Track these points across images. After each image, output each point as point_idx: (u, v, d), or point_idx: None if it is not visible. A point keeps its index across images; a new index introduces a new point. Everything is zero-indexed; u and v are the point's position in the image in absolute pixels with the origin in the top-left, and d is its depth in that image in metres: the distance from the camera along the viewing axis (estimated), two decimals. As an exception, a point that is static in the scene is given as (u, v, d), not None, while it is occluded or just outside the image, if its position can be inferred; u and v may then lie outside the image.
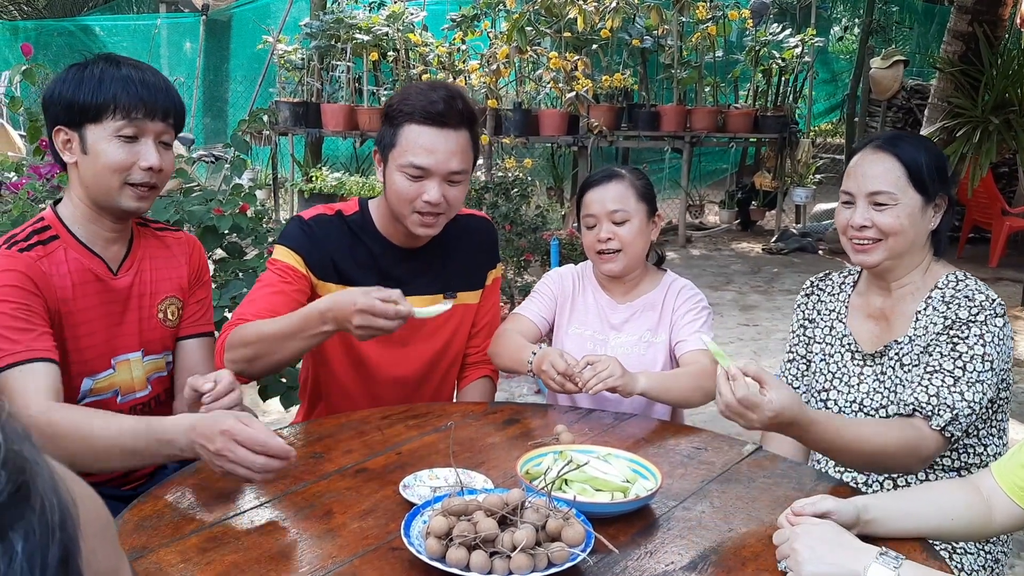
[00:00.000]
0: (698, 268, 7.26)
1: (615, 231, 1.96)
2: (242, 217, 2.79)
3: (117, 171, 1.56)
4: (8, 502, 0.38)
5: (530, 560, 1.11)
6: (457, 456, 1.58)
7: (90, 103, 1.54)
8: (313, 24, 7.24)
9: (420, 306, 1.64)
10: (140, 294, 1.71)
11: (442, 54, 6.67)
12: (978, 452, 1.67)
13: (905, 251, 1.66)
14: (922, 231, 1.66)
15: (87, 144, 1.56)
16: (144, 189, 1.60)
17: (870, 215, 1.65)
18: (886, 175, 1.64)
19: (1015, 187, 7.86)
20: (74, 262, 1.61)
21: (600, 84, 6.89)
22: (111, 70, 1.56)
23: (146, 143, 1.58)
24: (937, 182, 1.65)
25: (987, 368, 1.55)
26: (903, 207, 1.63)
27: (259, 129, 3.25)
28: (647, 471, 1.43)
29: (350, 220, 1.92)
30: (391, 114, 1.79)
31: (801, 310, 1.89)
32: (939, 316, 1.63)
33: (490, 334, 2.06)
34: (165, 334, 1.76)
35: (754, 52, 7.93)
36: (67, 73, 1.59)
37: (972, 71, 4.30)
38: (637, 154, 8.65)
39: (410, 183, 1.76)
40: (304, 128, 7.36)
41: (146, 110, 1.56)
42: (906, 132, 2.44)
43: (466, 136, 1.79)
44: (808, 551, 1.14)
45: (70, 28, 10.83)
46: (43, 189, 2.73)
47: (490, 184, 5.24)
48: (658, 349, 2.00)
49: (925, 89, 7.59)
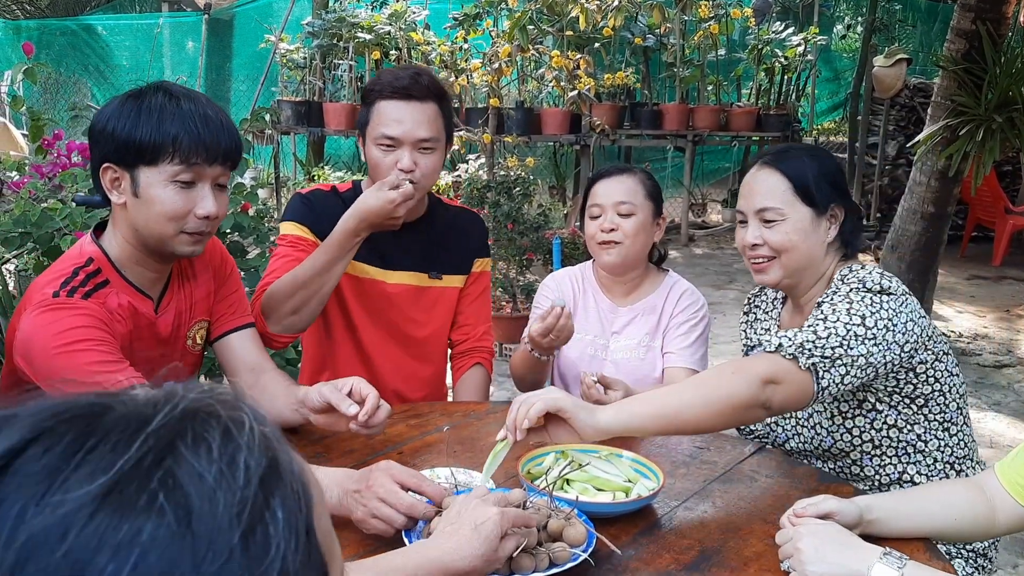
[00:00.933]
0: (701, 267, 7.25)
1: (619, 222, 1.97)
2: (244, 216, 2.79)
3: (172, 220, 1.46)
4: (266, 472, 0.43)
5: (531, 560, 1.11)
6: (458, 456, 1.58)
7: (147, 144, 1.40)
8: (315, 23, 7.24)
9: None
10: (177, 326, 1.64)
11: (444, 53, 6.67)
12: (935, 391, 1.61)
13: (802, 266, 1.64)
14: (816, 244, 1.63)
15: (139, 187, 1.44)
16: (199, 236, 1.51)
17: (760, 232, 1.63)
18: (772, 191, 1.62)
19: (1019, 185, 7.84)
20: (127, 307, 1.53)
21: (602, 83, 6.89)
22: (170, 106, 1.42)
23: (203, 188, 1.46)
24: (828, 193, 1.62)
25: (855, 322, 1.45)
26: (791, 222, 1.61)
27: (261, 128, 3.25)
28: (649, 471, 1.43)
29: (344, 196, 2.02)
30: (366, 95, 1.93)
31: (743, 329, 1.90)
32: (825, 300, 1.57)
33: (478, 323, 2.14)
34: (194, 358, 1.72)
35: (757, 50, 7.92)
36: (122, 106, 1.44)
37: (975, 69, 4.28)
38: (640, 153, 8.64)
39: (384, 153, 1.88)
40: (306, 127, 7.36)
41: (207, 154, 1.43)
42: (796, 144, 2.41)
43: (434, 108, 1.89)
44: (812, 551, 1.13)
45: (72, 27, 10.84)
46: (44, 188, 2.73)
47: (492, 183, 5.23)
48: (656, 354, 2.00)
49: (928, 87, 7.58)
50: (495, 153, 6.25)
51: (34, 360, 1.42)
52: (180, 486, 0.40)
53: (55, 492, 0.39)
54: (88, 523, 0.38)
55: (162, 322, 1.60)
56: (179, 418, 0.43)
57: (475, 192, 5.20)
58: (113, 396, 0.45)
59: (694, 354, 1.98)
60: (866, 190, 8.37)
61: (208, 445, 0.42)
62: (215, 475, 0.41)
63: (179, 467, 0.41)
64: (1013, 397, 4.32)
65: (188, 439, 0.42)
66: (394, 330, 2.04)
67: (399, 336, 2.05)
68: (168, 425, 0.43)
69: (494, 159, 6.08)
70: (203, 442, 0.42)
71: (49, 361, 1.40)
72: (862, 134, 8.48)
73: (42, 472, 0.40)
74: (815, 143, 9.44)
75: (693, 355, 1.98)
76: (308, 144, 8.04)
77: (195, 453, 0.42)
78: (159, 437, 0.42)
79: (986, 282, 6.80)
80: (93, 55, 10.61)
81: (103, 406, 0.44)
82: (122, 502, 0.39)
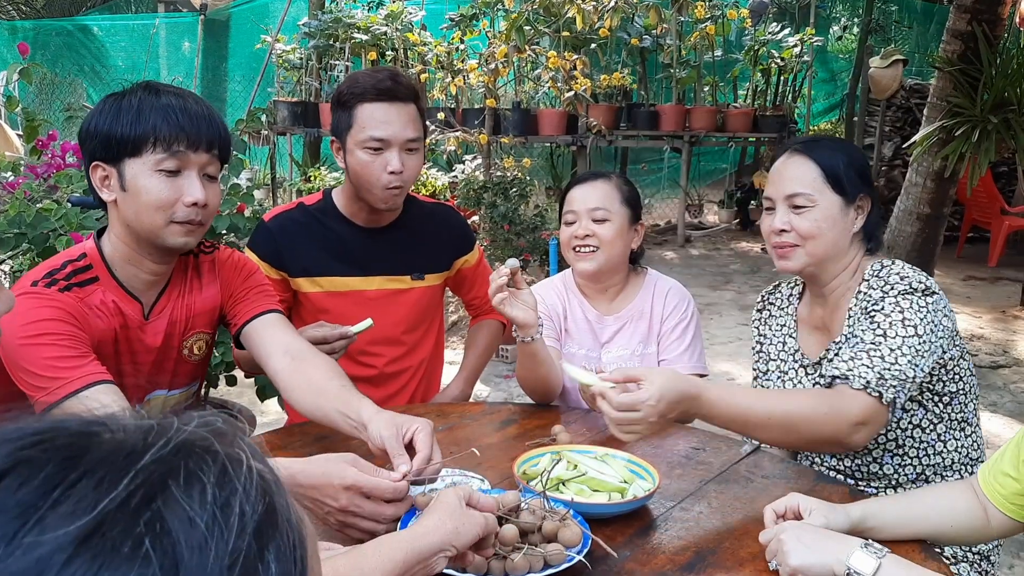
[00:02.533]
0: (697, 268, 7.26)
1: (594, 229, 1.94)
2: (240, 217, 2.78)
3: (160, 209, 1.45)
4: (262, 520, 0.39)
5: (526, 561, 1.10)
6: (454, 456, 1.57)
7: (128, 136, 1.42)
8: (311, 23, 7.23)
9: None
10: (169, 335, 1.62)
11: (441, 53, 6.66)
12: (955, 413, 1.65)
13: (827, 255, 1.64)
14: (843, 233, 1.64)
15: (126, 180, 1.45)
16: (191, 226, 1.49)
17: (789, 218, 1.64)
18: (802, 178, 1.63)
19: (1014, 186, 7.86)
20: (111, 305, 1.52)
21: (599, 83, 6.89)
22: (150, 99, 1.44)
23: (189, 176, 1.46)
24: (857, 183, 1.64)
25: (911, 334, 1.49)
26: (820, 209, 1.62)
27: (257, 129, 3.24)
28: (645, 471, 1.43)
29: (313, 209, 2.03)
30: (343, 99, 1.90)
31: (756, 327, 1.88)
32: (861, 302, 1.60)
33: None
34: (192, 367, 1.70)
35: (753, 51, 7.93)
36: (103, 104, 1.47)
37: (971, 70, 4.29)
38: (636, 154, 8.65)
39: (372, 156, 1.87)
40: (302, 128, 7.35)
41: (188, 141, 1.44)
42: (826, 136, 2.42)
43: (414, 109, 1.91)
44: (793, 541, 1.15)
45: (68, 28, 10.81)
46: (39, 189, 2.72)
47: (489, 184, 5.23)
48: (650, 361, 1.98)
49: (924, 88, 7.58)
50: (491, 154, 6.25)
51: (3, 347, 1.44)
52: (169, 532, 0.37)
53: (29, 531, 0.35)
54: (64, 569, 0.35)
55: (151, 329, 1.59)
56: (173, 453, 0.40)
57: (472, 193, 5.20)
58: (102, 423, 0.42)
59: (692, 356, 1.97)
60: (862, 191, 8.36)
61: (202, 486, 0.39)
62: (207, 521, 0.38)
63: (169, 510, 0.37)
64: (1009, 398, 4.32)
65: (181, 478, 0.39)
66: (377, 334, 1.98)
67: (381, 340, 2.03)
68: (161, 460, 0.39)
69: (491, 160, 6.07)
70: (197, 482, 0.39)
71: (13, 351, 1.42)
72: (858, 135, 8.49)
73: (16, 507, 0.36)
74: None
75: (691, 357, 1.97)
76: (304, 145, 8.02)
77: (188, 495, 0.38)
78: (149, 473, 0.38)
79: (982, 283, 6.81)
80: (89, 56, 10.58)
81: (90, 434, 0.40)
82: (104, 547, 0.35)
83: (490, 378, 4.36)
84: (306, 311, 2.02)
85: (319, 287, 1.99)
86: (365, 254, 2.00)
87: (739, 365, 4.85)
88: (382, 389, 2.05)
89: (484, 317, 2.31)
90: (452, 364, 4.08)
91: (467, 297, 2.29)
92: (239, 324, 1.66)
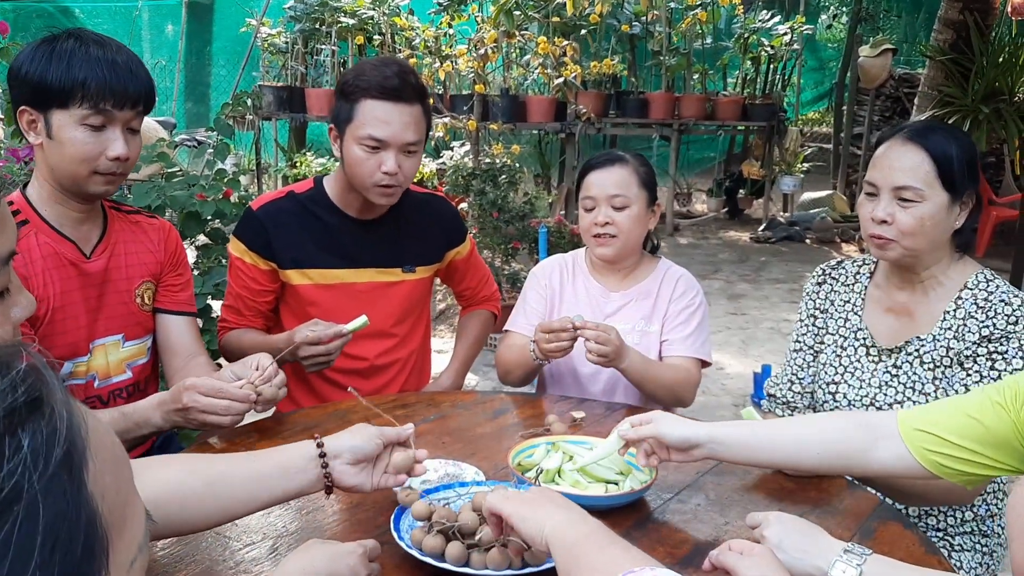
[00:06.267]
0: (686, 256, 7.25)
1: (613, 216, 1.92)
2: (225, 203, 2.74)
3: (84, 161, 1.52)
4: (22, 406, 0.46)
5: (504, 556, 1.09)
6: (447, 447, 1.55)
7: (56, 87, 1.47)
8: (297, 7, 7.13)
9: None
10: (116, 278, 1.67)
11: (429, 38, 6.60)
12: None
13: (924, 251, 1.59)
14: (944, 231, 1.58)
15: (52, 129, 1.51)
16: (112, 176, 1.56)
17: (893, 210, 1.56)
18: (914, 169, 1.54)
19: (1002, 177, 7.89)
20: (45, 246, 1.57)
21: (588, 70, 6.84)
22: (80, 51, 1.48)
23: (113, 132, 1.52)
24: (966, 179, 1.56)
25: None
26: (927, 206, 1.54)
27: (242, 113, 3.20)
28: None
29: (303, 197, 1.99)
30: (347, 90, 1.85)
31: (811, 299, 1.80)
32: (974, 323, 1.56)
33: (480, 286, 2.26)
34: (145, 318, 1.74)
35: (743, 39, 7.91)
36: (35, 50, 1.50)
37: (963, 60, 4.29)
38: (625, 141, 8.61)
39: (368, 155, 1.82)
40: (288, 113, 7.27)
41: (115, 99, 1.50)
42: (937, 123, 2.31)
43: (419, 109, 1.85)
44: (775, 539, 1.12)
45: (49, 10, 10.63)
46: (20, 172, 2.66)
47: (477, 171, 5.19)
48: (652, 339, 1.96)
49: (913, 78, 7.59)
50: (480, 140, 6.19)
51: None
52: None
53: None
54: None
55: (94, 266, 1.64)
56: None
57: (460, 180, 5.15)
58: None
59: (695, 341, 1.95)
60: (851, 180, 8.40)
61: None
62: None
63: None
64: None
65: None
66: (368, 327, 1.92)
67: (372, 332, 1.96)
68: None
69: (479, 146, 6.02)
70: None
71: None
72: (847, 124, 8.50)
73: None
74: (800, 133, 9.45)
75: (695, 343, 1.95)
76: (290, 130, 7.94)
77: None
78: None
79: (968, 272, 6.83)
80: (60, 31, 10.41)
81: None
82: None
83: (479, 367, 4.33)
84: (295, 303, 1.98)
85: (309, 279, 1.95)
86: (356, 246, 1.96)
87: (727, 354, 4.85)
88: (372, 381, 2.01)
89: (474, 307, 2.28)
90: (440, 353, 4.06)
91: (458, 288, 2.26)
92: (158, 304, 1.77)
